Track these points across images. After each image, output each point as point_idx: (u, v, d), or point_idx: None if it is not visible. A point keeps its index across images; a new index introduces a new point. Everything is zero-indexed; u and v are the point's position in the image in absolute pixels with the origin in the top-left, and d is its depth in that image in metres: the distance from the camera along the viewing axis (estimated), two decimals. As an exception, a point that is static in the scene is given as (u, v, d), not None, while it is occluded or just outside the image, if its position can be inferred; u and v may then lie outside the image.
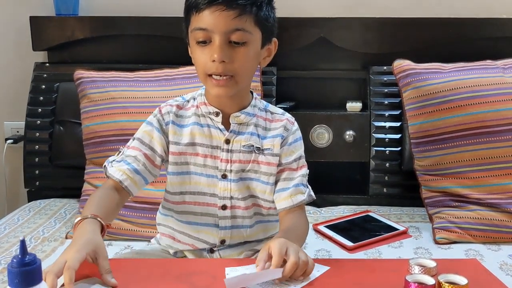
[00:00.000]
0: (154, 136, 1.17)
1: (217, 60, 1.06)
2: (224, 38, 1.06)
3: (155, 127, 1.17)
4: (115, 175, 1.13)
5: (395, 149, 1.81)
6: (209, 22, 1.05)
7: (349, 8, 1.97)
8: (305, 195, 1.18)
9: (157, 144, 1.16)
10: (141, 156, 1.15)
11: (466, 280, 0.85)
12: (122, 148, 1.19)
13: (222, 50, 1.06)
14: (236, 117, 1.16)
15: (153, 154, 1.16)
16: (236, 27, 1.06)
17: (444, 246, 1.48)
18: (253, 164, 1.17)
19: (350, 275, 0.96)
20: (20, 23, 1.99)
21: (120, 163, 1.15)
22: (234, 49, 1.07)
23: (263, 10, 1.10)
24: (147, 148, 1.16)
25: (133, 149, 1.16)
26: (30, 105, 1.89)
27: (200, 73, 1.12)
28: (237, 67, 1.08)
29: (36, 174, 1.87)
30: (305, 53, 1.94)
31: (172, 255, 1.25)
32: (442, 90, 1.60)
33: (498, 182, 1.53)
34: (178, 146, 1.16)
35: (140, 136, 1.18)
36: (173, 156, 1.17)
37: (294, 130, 1.22)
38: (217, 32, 1.05)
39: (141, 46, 1.97)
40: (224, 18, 1.05)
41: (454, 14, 1.93)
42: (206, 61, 1.08)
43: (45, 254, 1.43)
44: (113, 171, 1.14)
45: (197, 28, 1.07)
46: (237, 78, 1.09)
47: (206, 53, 1.08)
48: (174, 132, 1.17)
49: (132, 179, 1.13)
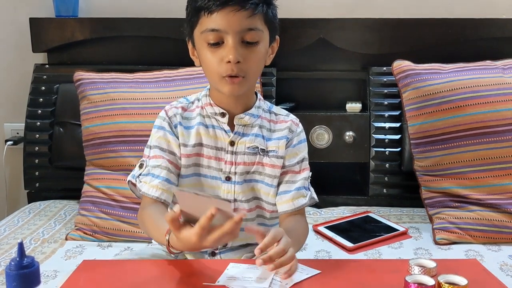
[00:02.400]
0: (170, 140, 1.16)
1: (233, 61, 1.05)
2: (238, 38, 1.06)
3: (167, 131, 1.16)
4: (150, 193, 1.13)
5: (395, 150, 1.81)
6: (222, 23, 1.05)
7: (348, 9, 1.97)
8: (306, 198, 1.18)
9: (174, 147, 1.16)
10: (165, 163, 1.15)
11: (466, 280, 0.85)
12: (143, 160, 1.18)
13: (237, 50, 1.05)
14: (240, 118, 1.16)
15: (174, 158, 1.16)
16: (249, 26, 1.06)
17: (444, 247, 1.48)
18: (257, 166, 1.17)
19: (350, 276, 0.96)
20: (20, 25, 1.99)
21: (148, 177, 1.14)
22: (247, 49, 1.07)
23: (271, 8, 1.11)
24: (168, 154, 1.16)
25: (156, 158, 1.15)
26: (30, 106, 1.89)
27: (211, 74, 1.10)
28: (250, 67, 1.08)
29: (36, 175, 1.87)
30: (304, 54, 1.94)
31: (173, 257, 1.25)
32: (441, 90, 1.60)
33: (498, 182, 1.53)
34: (186, 148, 1.16)
35: (157, 143, 1.17)
36: (184, 159, 1.16)
37: (298, 132, 1.22)
38: (231, 33, 1.05)
39: (141, 47, 1.97)
40: (238, 18, 1.04)
41: (454, 15, 1.93)
42: (219, 62, 1.07)
43: (45, 255, 1.43)
44: (146, 189, 1.13)
45: (209, 30, 1.06)
46: (249, 77, 1.10)
47: (218, 55, 1.07)
48: (182, 133, 1.16)
49: (167, 191, 1.13)
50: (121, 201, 1.58)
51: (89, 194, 1.63)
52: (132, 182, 1.17)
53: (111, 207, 1.58)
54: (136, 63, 1.92)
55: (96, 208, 1.59)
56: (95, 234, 1.55)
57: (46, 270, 1.32)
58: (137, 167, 1.18)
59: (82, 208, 1.61)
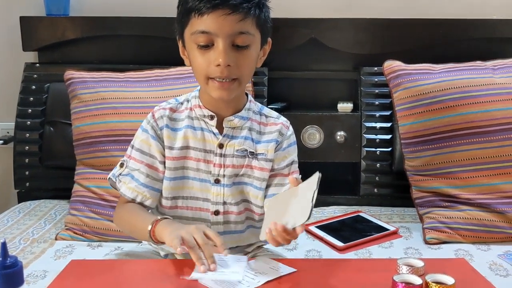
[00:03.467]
0: (151, 143, 1.16)
1: (223, 64, 1.04)
2: (228, 41, 1.05)
3: (150, 135, 1.17)
4: (127, 194, 1.17)
5: (386, 150, 1.82)
6: (213, 26, 1.04)
7: (340, 9, 1.98)
8: None
9: (155, 152, 1.16)
10: (144, 168, 1.16)
11: (453, 279, 0.85)
12: (124, 159, 1.19)
13: (227, 54, 1.05)
14: (229, 121, 1.15)
15: (154, 161, 1.16)
16: (240, 30, 1.05)
17: (434, 246, 1.49)
18: (246, 169, 1.17)
19: (339, 275, 0.96)
20: (10, 23, 1.98)
21: (128, 178, 1.17)
22: (238, 52, 1.07)
23: (263, 12, 1.10)
24: (148, 157, 1.16)
25: (135, 161, 1.17)
26: (20, 105, 1.88)
27: (200, 76, 1.10)
28: (241, 70, 1.08)
29: (26, 175, 1.86)
30: (296, 54, 1.94)
31: (163, 257, 1.25)
32: (432, 90, 1.60)
33: (488, 182, 1.54)
34: (172, 150, 1.16)
35: (139, 146, 1.17)
36: (169, 161, 1.16)
37: (289, 135, 1.21)
38: (222, 36, 1.04)
39: (132, 46, 1.96)
40: (229, 21, 1.04)
41: (444, 15, 1.93)
42: (208, 64, 1.06)
43: (35, 255, 1.42)
44: (124, 190, 1.17)
45: (200, 32, 1.05)
46: (240, 80, 1.09)
47: (208, 57, 1.06)
48: (168, 136, 1.16)
49: (142, 193, 1.15)
50: (111, 200, 1.57)
51: (80, 193, 1.62)
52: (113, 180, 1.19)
53: (101, 207, 1.57)
54: (128, 62, 1.92)
55: (86, 208, 1.58)
56: (85, 234, 1.54)
57: (36, 270, 1.32)
58: (118, 165, 1.19)
59: (72, 208, 1.60)
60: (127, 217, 1.16)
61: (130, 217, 1.15)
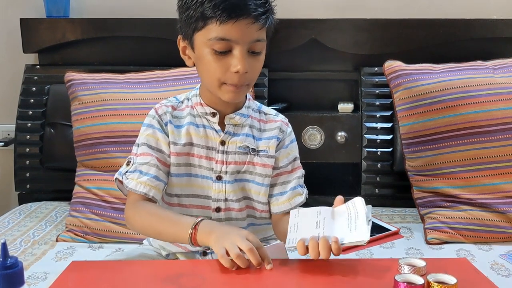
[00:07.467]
0: (158, 137, 1.15)
1: (242, 71, 1.05)
2: (246, 49, 1.06)
3: (156, 129, 1.16)
4: (138, 189, 1.11)
5: (386, 150, 1.82)
6: (234, 34, 1.04)
7: (340, 9, 1.98)
8: (303, 196, 1.19)
9: (163, 145, 1.15)
10: (153, 161, 1.14)
11: (455, 279, 0.85)
12: (130, 157, 1.17)
13: (246, 61, 1.06)
14: (231, 118, 1.16)
15: (163, 155, 1.15)
16: (258, 38, 1.07)
17: (436, 247, 1.49)
18: (248, 166, 1.17)
19: (340, 275, 0.96)
20: (11, 25, 1.98)
21: (136, 174, 1.13)
22: (252, 58, 1.08)
23: (271, 18, 1.11)
24: (156, 151, 1.15)
25: (144, 156, 1.14)
26: (20, 107, 1.88)
27: (213, 80, 1.09)
28: (254, 75, 1.11)
29: (27, 176, 1.86)
30: (296, 55, 1.95)
31: (164, 257, 1.24)
32: (433, 90, 1.60)
33: (489, 182, 1.54)
34: (176, 146, 1.15)
35: (145, 140, 1.16)
36: (174, 157, 1.15)
37: (289, 132, 1.22)
38: (242, 44, 1.05)
39: (132, 48, 1.97)
40: (251, 30, 1.05)
41: (445, 15, 1.93)
42: (225, 70, 1.07)
43: (35, 257, 1.42)
44: (134, 185, 1.12)
45: (219, 38, 1.05)
46: (251, 84, 1.12)
47: (224, 63, 1.06)
48: (173, 132, 1.16)
49: (155, 187, 1.12)
50: (112, 202, 1.57)
51: (80, 195, 1.62)
52: (119, 180, 1.16)
53: (102, 208, 1.57)
54: (128, 63, 1.92)
55: (87, 209, 1.58)
56: (86, 235, 1.54)
57: (37, 272, 1.32)
58: (124, 164, 1.17)
59: (73, 209, 1.60)
60: (150, 220, 1.10)
61: (156, 221, 1.09)
